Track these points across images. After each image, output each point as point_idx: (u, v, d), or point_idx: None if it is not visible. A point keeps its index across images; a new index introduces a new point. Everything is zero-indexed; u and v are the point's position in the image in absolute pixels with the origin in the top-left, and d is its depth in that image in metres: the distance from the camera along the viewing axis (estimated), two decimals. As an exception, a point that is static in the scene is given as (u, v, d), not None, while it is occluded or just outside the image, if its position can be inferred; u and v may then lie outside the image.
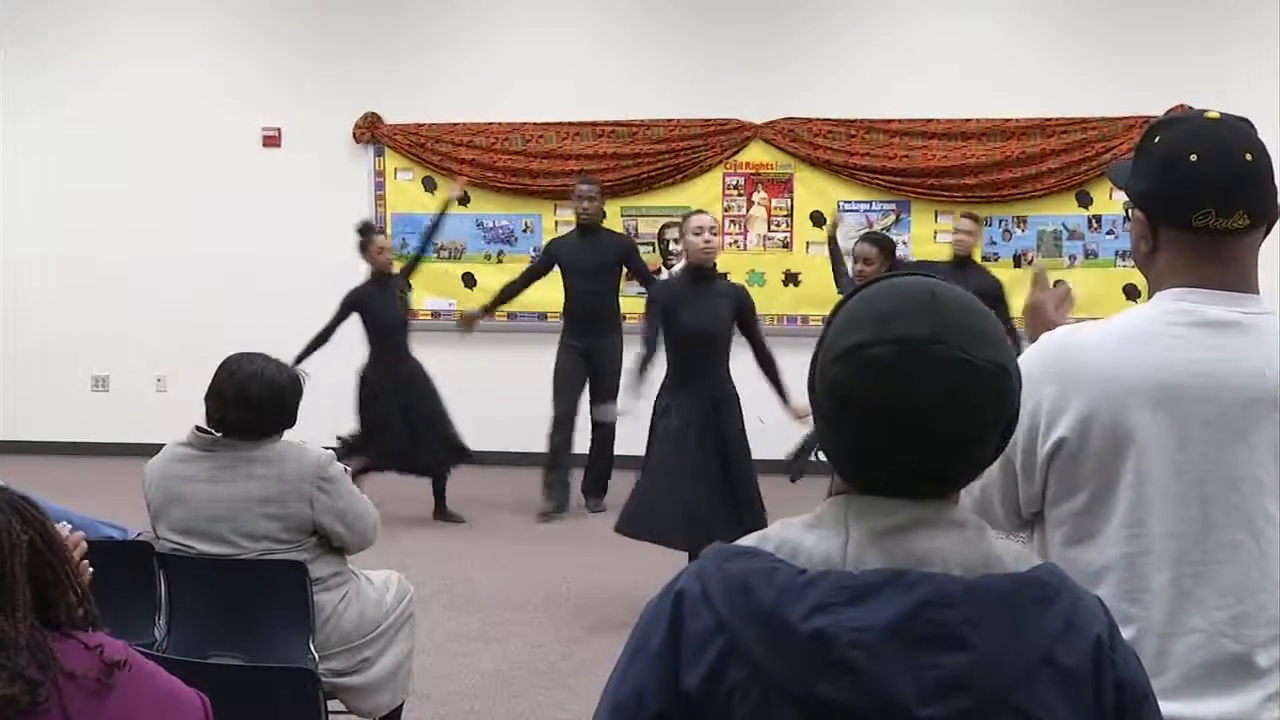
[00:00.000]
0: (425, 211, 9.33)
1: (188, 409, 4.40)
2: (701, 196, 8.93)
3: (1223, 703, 1.84)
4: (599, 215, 8.06)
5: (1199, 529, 1.86)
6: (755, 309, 6.11)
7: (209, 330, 8.82)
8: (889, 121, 8.90)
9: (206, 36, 9.56)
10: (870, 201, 9.03)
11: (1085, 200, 8.86)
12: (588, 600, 6.30)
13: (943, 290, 1.35)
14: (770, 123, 9.03)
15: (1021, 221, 8.93)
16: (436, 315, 9.13)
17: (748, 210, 9.17)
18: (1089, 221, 8.86)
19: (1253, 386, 1.86)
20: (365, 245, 7.70)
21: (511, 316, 9.30)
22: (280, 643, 3.70)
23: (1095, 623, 1.31)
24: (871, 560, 1.29)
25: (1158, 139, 1.94)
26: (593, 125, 9.19)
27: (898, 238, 8.19)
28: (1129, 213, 2.00)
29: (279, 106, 9.53)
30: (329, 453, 3.87)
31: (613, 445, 8.04)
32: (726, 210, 9.08)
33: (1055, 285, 2.30)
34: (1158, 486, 1.86)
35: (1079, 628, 1.30)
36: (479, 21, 9.32)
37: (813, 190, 9.07)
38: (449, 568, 6.83)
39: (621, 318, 8.11)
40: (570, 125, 9.21)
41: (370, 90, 9.38)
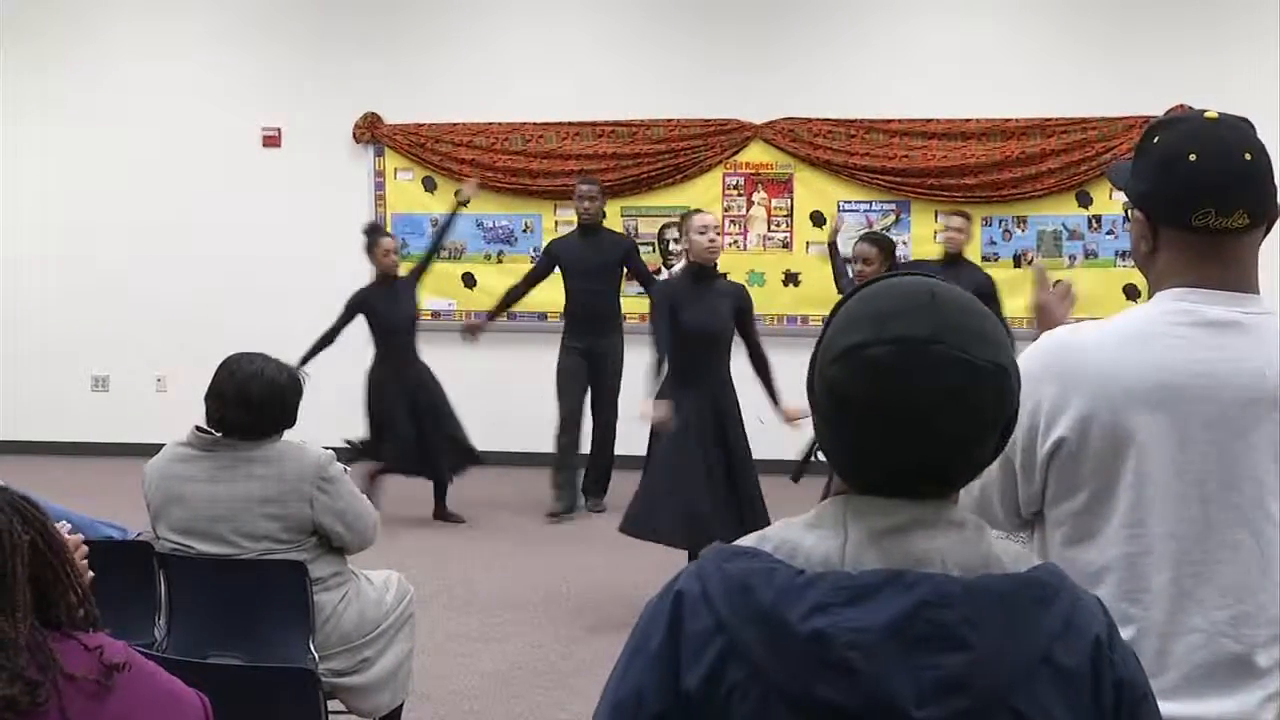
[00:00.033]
0: (425, 212, 9.35)
1: (188, 409, 4.40)
2: (701, 196, 8.94)
3: (1223, 703, 1.84)
4: (600, 215, 8.06)
5: (1199, 529, 1.86)
6: (753, 309, 6.11)
7: (209, 330, 8.82)
8: (889, 121, 8.90)
9: (206, 36, 9.56)
10: (870, 201, 9.03)
11: (1085, 200, 8.86)
12: (588, 600, 6.30)
13: (942, 290, 1.34)
14: (770, 123, 9.03)
15: (1021, 221, 8.93)
16: (436, 315, 9.12)
17: (747, 210, 9.17)
18: (1089, 221, 8.86)
19: (1253, 386, 1.85)
20: (371, 246, 7.69)
21: (511, 316, 9.28)
22: (280, 643, 3.71)
23: (1094, 623, 1.31)
24: (870, 560, 1.29)
25: (1157, 139, 1.94)
26: (593, 125, 9.19)
27: (898, 238, 8.19)
28: (1129, 213, 2.00)
29: (279, 106, 9.53)
30: (329, 453, 3.87)
31: (613, 445, 8.05)
32: (726, 210, 9.08)
33: (1055, 284, 2.30)
34: (1158, 486, 1.86)
35: (1078, 628, 1.29)
36: (479, 21, 9.32)
37: (813, 190, 9.07)
38: (449, 568, 6.83)
39: (622, 318, 8.11)
40: (570, 125, 9.21)
41: (370, 90, 9.38)
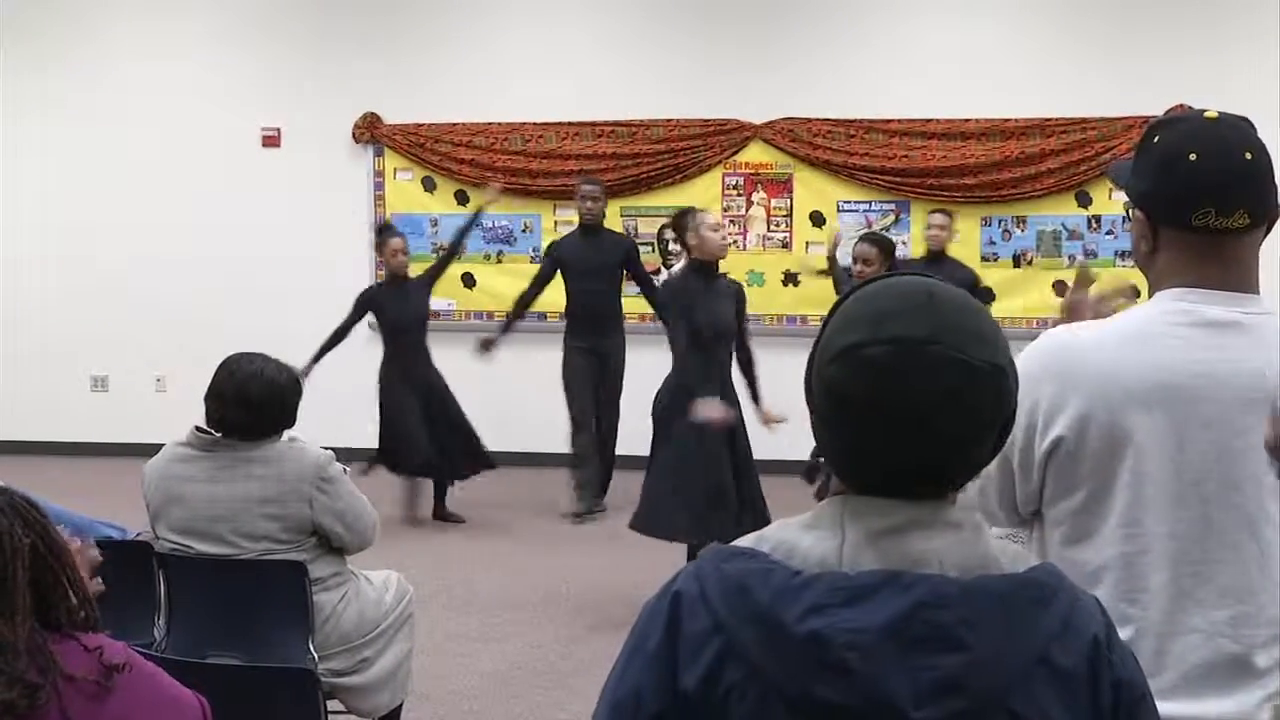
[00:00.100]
0: (425, 212, 9.35)
1: (187, 409, 4.40)
2: (701, 196, 8.93)
3: (1221, 703, 1.84)
4: (602, 215, 8.06)
5: (1199, 529, 1.86)
6: (746, 306, 6.11)
7: (208, 330, 8.82)
8: (888, 121, 8.90)
9: (206, 36, 9.56)
10: (870, 201, 9.03)
11: (1085, 200, 8.85)
12: (587, 600, 6.30)
13: (940, 290, 1.34)
14: (770, 123, 9.03)
15: (1021, 221, 8.92)
16: (436, 315, 9.10)
17: (747, 210, 9.17)
18: (1088, 221, 8.86)
19: (1253, 386, 1.85)
20: (380, 245, 7.68)
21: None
22: (279, 643, 3.70)
23: (1092, 623, 1.31)
24: (867, 561, 1.29)
25: (1157, 139, 1.93)
26: (592, 125, 9.19)
27: (897, 238, 8.19)
28: (1129, 212, 1.99)
29: (279, 106, 9.53)
30: (328, 453, 3.87)
31: (613, 445, 8.05)
32: (726, 210, 9.07)
33: (1079, 279, 2.25)
34: (1157, 486, 1.86)
35: (1076, 628, 1.29)
36: (478, 22, 9.31)
37: (812, 190, 9.07)
38: (449, 568, 6.83)
39: (623, 318, 8.10)
40: (570, 125, 9.21)
41: (370, 90, 9.38)
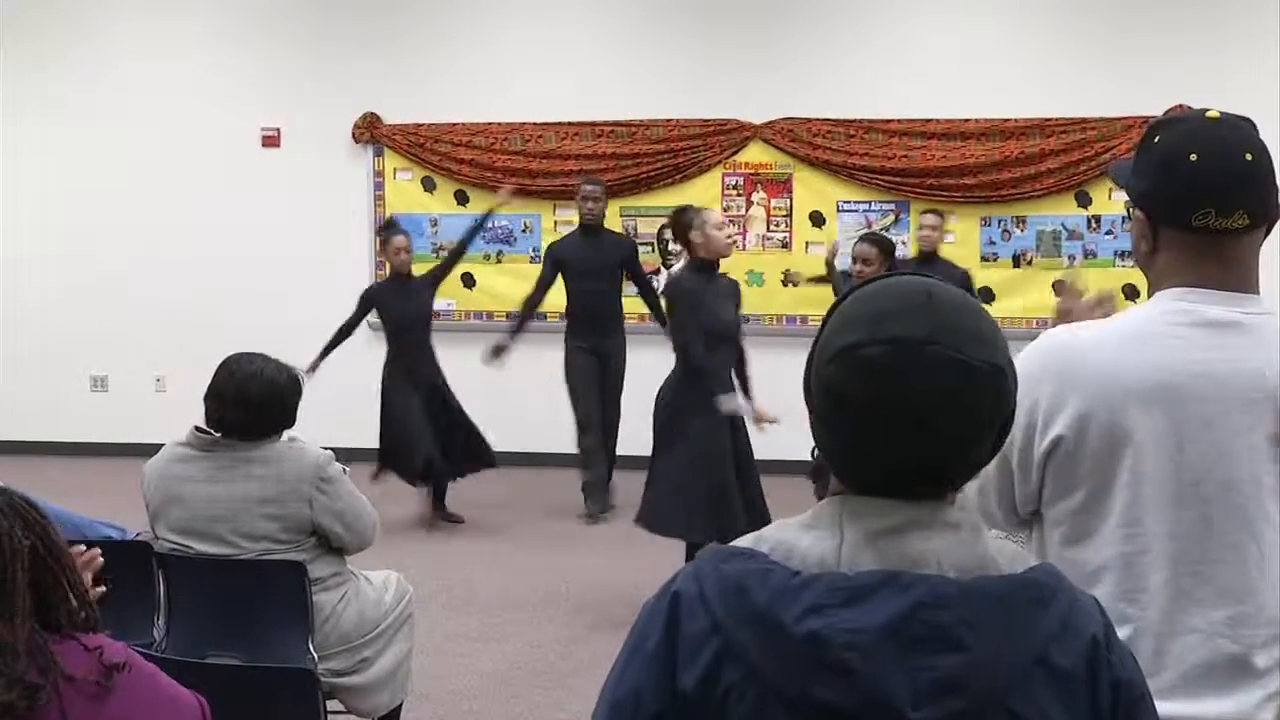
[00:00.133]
0: (424, 212, 9.34)
1: (187, 409, 4.40)
2: (701, 196, 8.91)
3: (1220, 703, 1.84)
4: (603, 215, 8.06)
5: (1198, 529, 1.85)
6: (741, 305, 6.12)
7: (208, 330, 8.82)
8: (888, 121, 8.90)
9: (206, 36, 9.56)
10: (869, 201, 9.03)
11: (1084, 200, 8.85)
12: (587, 600, 6.30)
13: (939, 290, 1.34)
14: (769, 123, 9.03)
15: (1021, 221, 8.92)
16: (436, 315, 9.09)
17: (747, 210, 9.17)
18: (1088, 221, 8.86)
19: (1253, 387, 1.85)
20: (384, 242, 7.68)
21: (510, 317, 9.29)
22: (279, 643, 3.70)
23: (1091, 623, 1.31)
24: (866, 561, 1.29)
25: (1158, 138, 1.93)
26: (592, 125, 9.19)
27: (897, 238, 8.18)
28: (1129, 212, 1.99)
29: (278, 106, 9.52)
30: (328, 453, 3.87)
31: (614, 445, 8.03)
32: (726, 210, 9.05)
33: (1062, 281, 2.27)
34: (1156, 486, 1.86)
35: (1074, 629, 1.29)
36: (478, 22, 9.31)
37: (812, 190, 9.07)
38: (448, 568, 6.83)
39: (623, 318, 8.10)
40: (569, 125, 9.21)
41: (369, 90, 9.37)
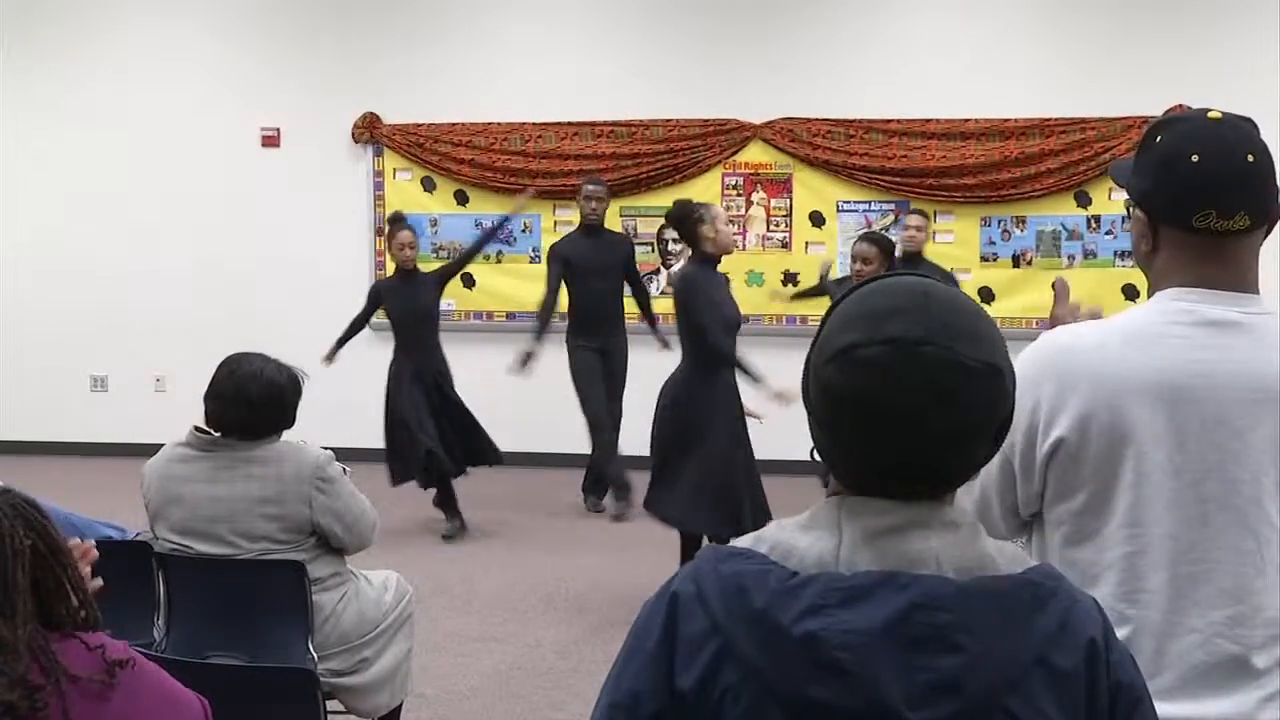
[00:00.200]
0: (424, 212, 9.34)
1: (187, 409, 4.40)
2: (700, 196, 8.86)
3: (1220, 703, 1.84)
4: (604, 215, 8.07)
5: (1198, 529, 1.85)
6: None
7: (208, 330, 8.83)
8: (888, 121, 8.90)
9: (206, 36, 9.56)
10: (869, 201, 9.03)
11: (1084, 200, 8.85)
12: (587, 600, 6.30)
13: (936, 290, 1.34)
14: (769, 123, 9.03)
15: (1020, 221, 8.92)
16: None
17: (746, 210, 9.17)
18: (1088, 222, 8.86)
19: (1253, 387, 1.85)
20: (389, 237, 7.68)
21: (510, 316, 9.30)
22: (279, 643, 3.70)
23: (1090, 624, 1.31)
24: (864, 561, 1.29)
25: (1159, 138, 1.93)
26: (591, 125, 9.19)
27: (896, 238, 8.17)
28: (1129, 211, 1.99)
29: (278, 106, 9.52)
30: (328, 453, 3.87)
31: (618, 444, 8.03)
32: (725, 210, 9.05)
33: (1054, 283, 2.27)
34: (1157, 486, 1.86)
35: (1073, 630, 1.29)
36: (478, 21, 9.31)
37: (812, 190, 9.07)
38: (449, 568, 6.83)
39: (624, 317, 8.10)
40: (569, 125, 9.20)
41: (369, 90, 9.37)
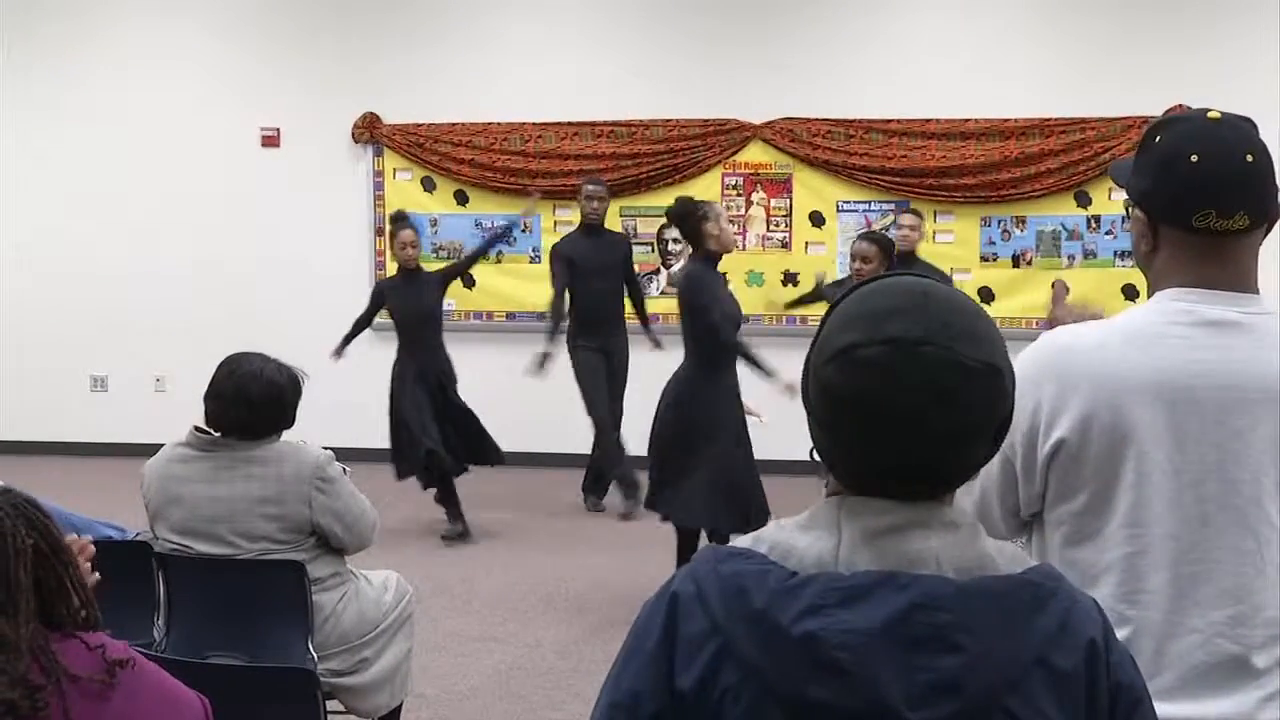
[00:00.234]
0: (424, 211, 9.33)
1: (187, 409, 4.40)
2: (700, 196, 8.86)
3: (1220, 704, 1.84)
4: (605, 215, 8.07)
5: (1198, 529, 1.85)
6: None
7: (208, 330, 8.82)
8: (888, 121, 8.90)
9: (206, 36, 9.56)
10: (869, 201, 9.03)
11: (1084, 200, 8.85)
12: (587, 600, 6.30)
13: (936, 290, 1.34)
14: (769, 123, 9.03)
15: (1020, 221, 8.93)
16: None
17: (746, 210, 9.17)
18: (1088, 222, 8.86)
19: (1253, 387, 1.85)
20: (391, 236, 7.68)
21: (510, 317, 9.31)
22: (279, 643, 3.70)
23: (1090, 625, 1.31)
24: (863, 561, 1.29)
25: (1159, 138, 1.93)
26: (591, 125, 9.19)
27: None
28: (1129, 211, 1.99)
29: (278, 106, 9.52)
30: (328, 453, 3.87)
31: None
32: (725, 210, 9.05)
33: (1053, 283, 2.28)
34: (1157, 487, 1.86)
35: (1073, 630, 1.29)
36: (477, 21, 9.31)
37: (812, 190, 9.07)
38: (448, 568, 6.83)
39: (624, 317, 8.10)
40: (569, 125, 9.20)
41: (369, 90, 9.37)
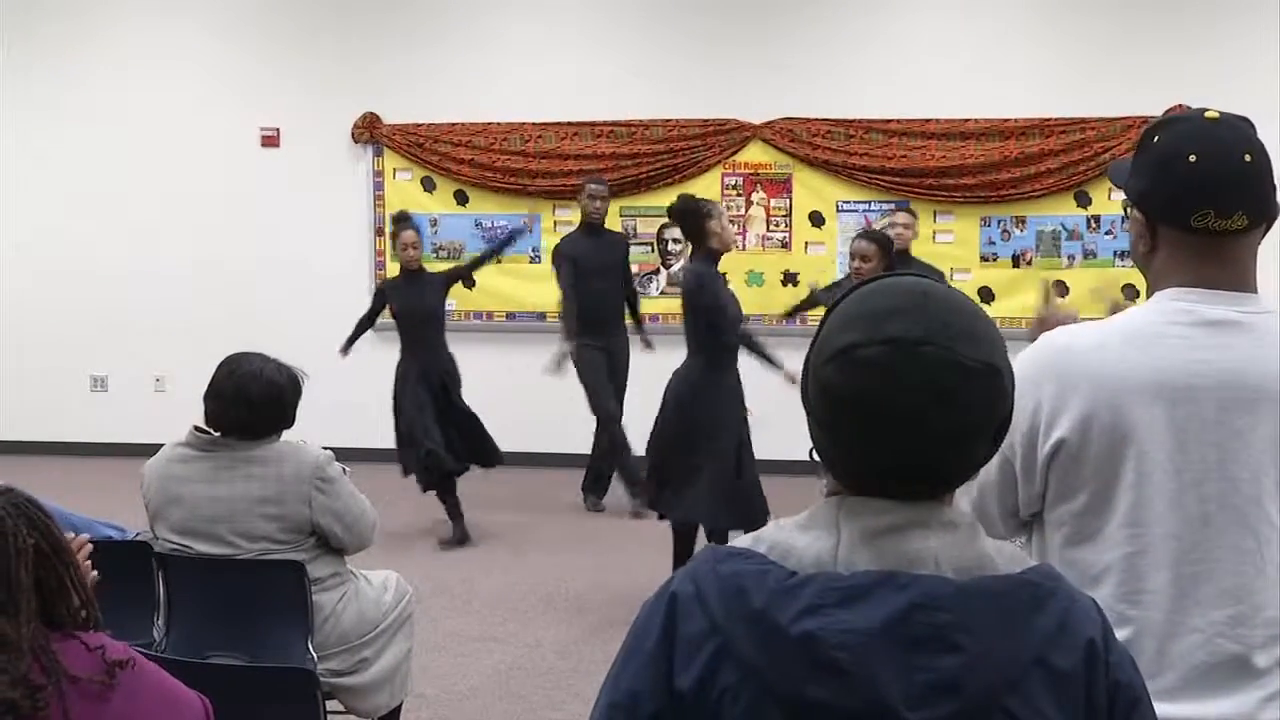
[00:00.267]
0: (424, 212, 9.33)
1: (187, 409, 4.40)
2: (700, 196, 8.91)
3: (1221, 703, 1.84)
4: (606, 215, 8.08)
5: (1198, 529, 1.85)
6: None
7: (208, 330, 8.82)
8: (888, 121, 8.90)
9: (206, 36, 9.56)
10: (869, 201, 9.03)
11: (1084, 200, 8.86)
12: (587, 600, 6.30)
13: (936, 290, 1.34)
14: (769, 123, 9.03)
15: (1020, 221, 8.93)
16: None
17: (746, 210, 9.17)
18: (1088, 222, 8.86)
19: (1253, 386, 1.85)
20: (393, 236, 7.68)
21: (510, 317, 9.31)
22: (279, 643, 3.70)
23: (1089, 625, 1.31)
24: (863, 561, 1.29)
25: (1157, 139, 1.93)
26: (591, 125, 9.18)
27: (896, 237, 8.18)
28: (1128, 211, 1.99)
29: (277, 106, 9.52)
30: (328, 453, 3.87)
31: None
32: (725, 209, 9.06)
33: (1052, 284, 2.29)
34: (1157, 487, 1.86)
35: (1072, 630, 1.29)
36: (477, 21, 9.31)
37: (811, 190, 9.07)
38: (448, 568, 6.83)
39: (625, 316, 8.10)
40: (569, 125, 9.20)
41: (369, 90, 9.37)
